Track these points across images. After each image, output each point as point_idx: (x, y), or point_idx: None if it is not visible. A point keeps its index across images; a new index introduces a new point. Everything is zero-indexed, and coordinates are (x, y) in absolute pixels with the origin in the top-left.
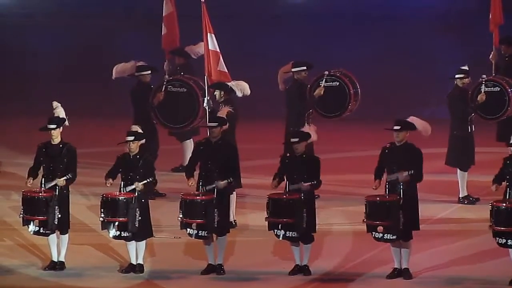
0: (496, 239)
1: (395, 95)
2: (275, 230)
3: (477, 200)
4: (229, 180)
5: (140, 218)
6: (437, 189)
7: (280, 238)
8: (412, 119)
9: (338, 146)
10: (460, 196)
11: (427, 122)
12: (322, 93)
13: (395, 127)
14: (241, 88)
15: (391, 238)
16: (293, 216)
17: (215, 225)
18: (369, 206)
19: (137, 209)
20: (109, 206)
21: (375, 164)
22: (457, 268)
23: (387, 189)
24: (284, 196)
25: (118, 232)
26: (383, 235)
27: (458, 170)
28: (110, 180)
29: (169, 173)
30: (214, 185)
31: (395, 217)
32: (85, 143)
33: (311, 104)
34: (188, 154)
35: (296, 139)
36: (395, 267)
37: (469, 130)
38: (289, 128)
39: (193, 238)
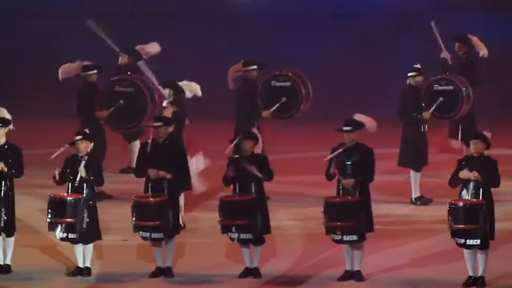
0: (455, 239)
1: (348, 95)
2: (229, 233)
3: (430, 201)
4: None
5: (88, 219)
6: (390, 189)
7: (235, 241)
8: (358, 116)
9: (289, 147)
10: (413, 196)
11: (372, 119)
12: (269, 116)
13: (346, 128)
14: (191, 89)
15: (352, 239)
16: (248, 218)
17: (170, 226)
18: (329, 207)
19: (85, 210)
20: (57, 207)
21: (326, 167)
22: (410, 270)
23: (340, 190)
24: (237, 198)
25: (65, 234)
26: (342, 237)
27: (411, 171)
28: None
29: (117, 175)
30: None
31: (357, 218)
32: (30, 144)
33: (261, 105)
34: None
35: (245, 139)
36: (347, 269)
37: (422, 130)
38: (239, 128)
39: (148, 241)
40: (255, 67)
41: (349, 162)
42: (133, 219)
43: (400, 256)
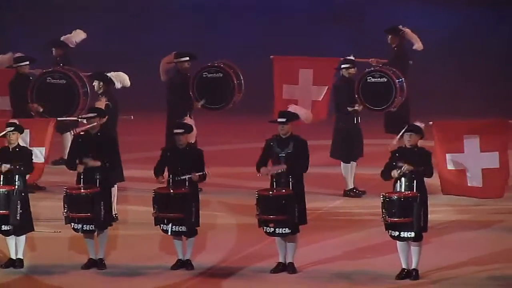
0: (389, 232)
1: None
2: (162, 225)
3: (363, 193)
4: (105, 163)
5: (21, 211)
6: (324, 181)
7: (169, 233)
8: (293, 108)
9: (220, 138)
10: (346, 188)
11: (307, 110)
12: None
13: (281, 120)
14: (121, 79)
15: (284, 232)
16: (182, 211)
17: (102, 218)
18: (261, 200)
19: (18, 201)
20: None
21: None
22: (343, 262)
23: (274, 182)
24: (171, 191)
25: None
26: (275, 230)
27: (342, 163)
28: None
29: (48, 166)
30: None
31: (290, 211)
32: None
33: (193, 96)
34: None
35: (180, 131)
36: (280, 261)
37: (355, 122)
38: (171, 119)
39: (80, 233)
40: (186, 58)
41: (283, 154)
42: (65, 211)
43: (333, 248)
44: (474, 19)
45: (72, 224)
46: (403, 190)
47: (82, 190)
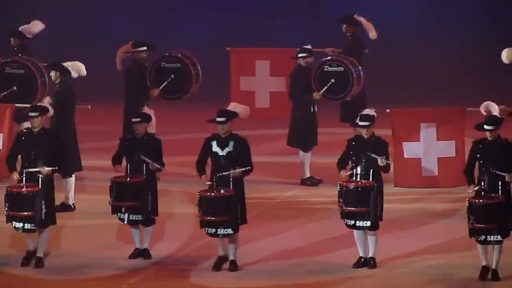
0: (345, 221)
1: None
2: (119, 214)
3: (320, 182)
4: (53, 168)
5: None
6: (280, 170)
7: (125, 222)
8: (232, 105)
9: (178, 128)
10: (303, 177)
11: (245, 106)
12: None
13: (219, 119)
14: (77, 69)
15: (226, 233)
16: (138, 199)
17: (43, 217)
18: (203, 201)
19: None
20: None
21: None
22: (300, 252)
23: (214, 182)
24: (128, 179)
25: None
26: (217, 231)
27: (300, 151)
28: None
29: None
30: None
31: (231, 211)
32: None
33: (151, 86)
34: None
35: (138, 119)
36: (219, 255)
37: (312, 110)
38: (128, 109)
39: (20, 232)
40: (144, 48)
41: (223, 154)
42: (5, 209)
43: (290, 238)
44: (430, 6)
45: (13, 223)
46: (359, 179)
47: (23, 189)
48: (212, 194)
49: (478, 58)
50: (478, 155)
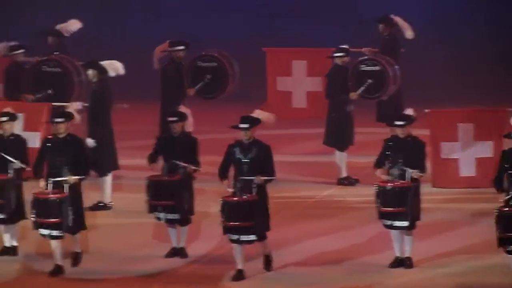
0: (382, 221)
1: None
2: (156, 213)
3: (357, 181)
4: (80, 178)
5: (15, 200)
6: (316, 170)
7: (162, 221)
8: (256, 113)
9: (214, 127)
10: (340, 177)
11: (270, 113)
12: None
13: (243, 126)
14: (114, 67)
15: (249, 239)
16: (175, 198)
17: (70, 224)
18: (225, 207)
19: (13, 190)
20: None
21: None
22: (336, 251)
23: (237, 188)
24: (165, 178)
25: None
26: (239, 237)
27: (336, 151)
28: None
29: None
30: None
31: (254, 217)
32: None
33: (187, 85)
34: None
35: (175, 118)
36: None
37: (348, 110)
38: (165, 107)
39: (48, 239)
40: (181, 47)
41: (246, 160)
42: (32, 216)
43: (327, 237)
44: (466, 8)
45: (40, 229)
46: (396, 179)
47: (50, 195)
48: (235, 199)
49: None
50: (506, 165)
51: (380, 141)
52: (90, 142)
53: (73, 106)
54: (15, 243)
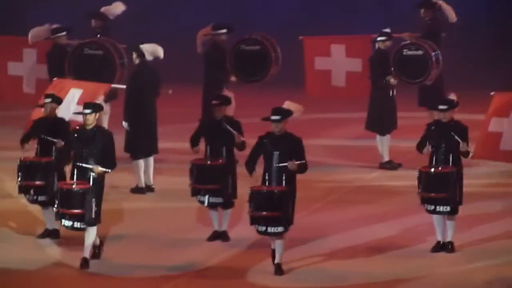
0: (424, 206)
1: None
2: (199, 196)
3: (399, 166)
4: (106, 170)
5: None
6: (358, 154)
7: (205, 205)
8: (287, 104)
9: (256, 111)
10: (382, 161)
11: (299, 104)
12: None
13: (274, 117)
14: (152, 50)
15: (276, 231)
16: (219, 182)
17: (93, 216)
18: (254, 196)
19: (55, 173)
20: (27, 170)
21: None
22: (377, 235)
23: (266, 179)
24: (208, 162)
25: (35, 197)
26: (267, 229)
27: (377, 135)
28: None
29: None
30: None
31: (283, 208)
32: None
33: (230, 69)
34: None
35: (218, 102)
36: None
37: (390, 94)
38: (207, 92)
39: (69, 229)
40: (224, 31)
41: (277, 152)
42: (55, 206)
43: (368, 221)
44: None
45: (63, 220)
46: (439, 164)
47: (73, 186)
48: (265, 189)
49: None
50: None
51: (422, 125)
52: (124, 125)
53: (101, 98)
54: (56, 226)
